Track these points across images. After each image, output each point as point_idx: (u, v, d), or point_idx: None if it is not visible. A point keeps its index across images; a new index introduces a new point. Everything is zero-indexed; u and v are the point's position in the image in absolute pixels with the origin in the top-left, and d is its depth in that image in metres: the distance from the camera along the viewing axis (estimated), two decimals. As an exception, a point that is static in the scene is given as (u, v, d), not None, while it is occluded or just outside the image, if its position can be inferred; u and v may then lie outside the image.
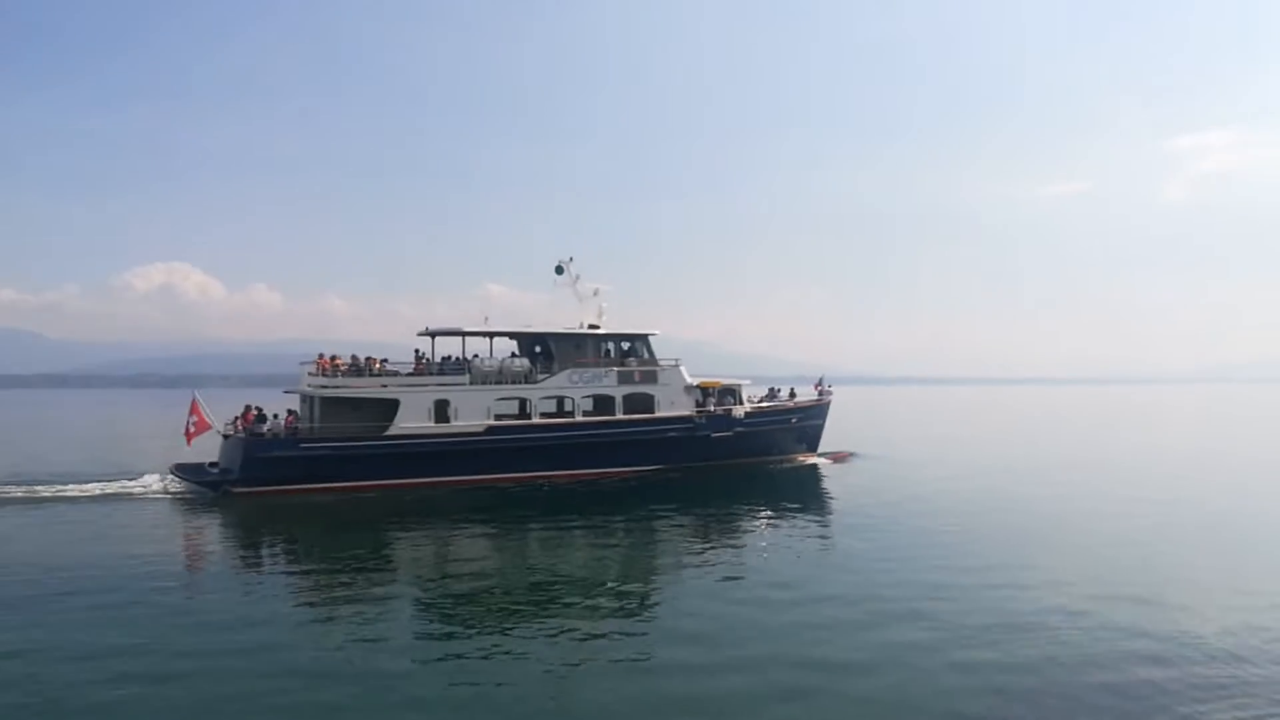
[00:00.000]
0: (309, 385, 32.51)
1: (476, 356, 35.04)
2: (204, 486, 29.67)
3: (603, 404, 35.44)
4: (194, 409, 31.03)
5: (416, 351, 35.38)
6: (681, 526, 25.72)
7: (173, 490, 30.15)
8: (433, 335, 35.57)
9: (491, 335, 36.45)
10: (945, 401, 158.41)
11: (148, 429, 72.10)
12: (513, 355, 36.40)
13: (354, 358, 33.13)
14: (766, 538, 24.22)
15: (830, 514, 27.90)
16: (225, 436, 31.49)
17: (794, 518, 26.62)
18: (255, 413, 31.23)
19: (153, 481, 31.24)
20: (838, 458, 43.23)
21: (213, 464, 32.19)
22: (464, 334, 35.49)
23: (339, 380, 31.96)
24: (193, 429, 31.02)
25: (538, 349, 36.53)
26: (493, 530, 24.72)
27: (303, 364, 35.63)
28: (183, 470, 31.65)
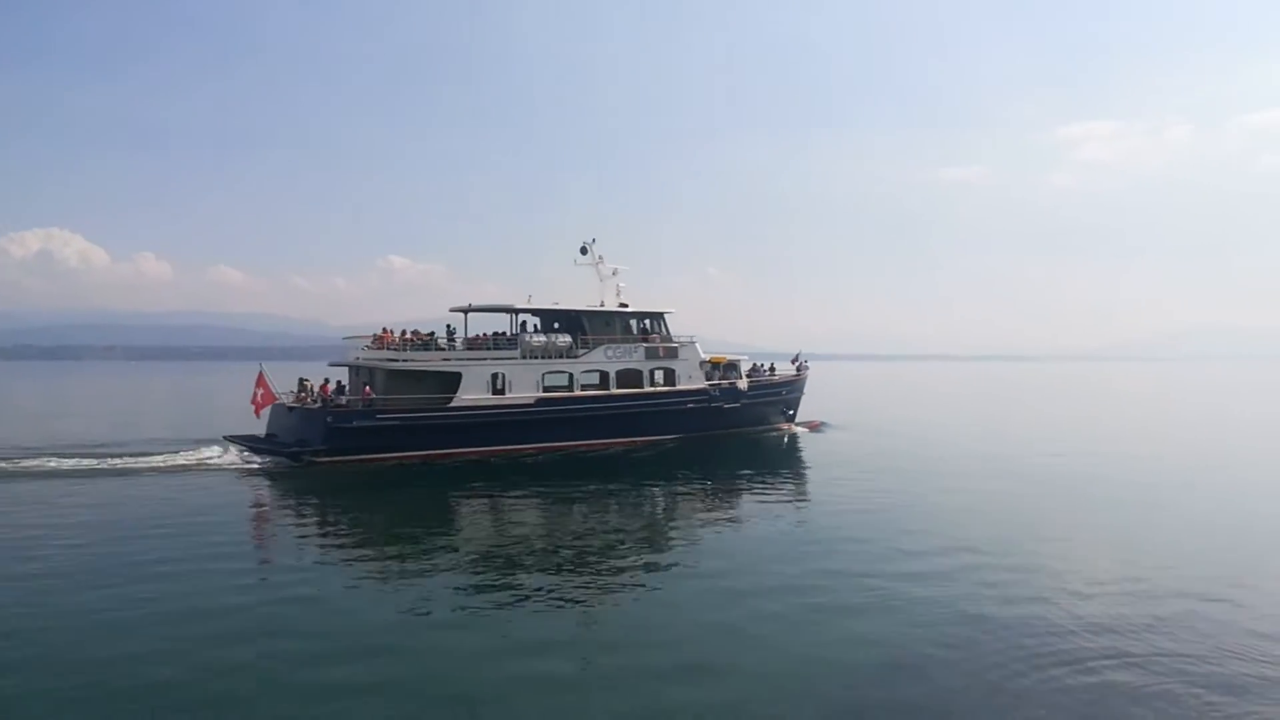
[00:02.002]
0: (366, 358, 33.99)
1: (524, 332, 36.91)
2: (284, 456, 30.72)
3: (632, 377, 37.94)
4: (260, 381, 32.14)
5: (449, 327, 37.25)
6: (702, 489, 28.30)
7: (253, 461, 30.98)
8: (465, 311, 37.55)
9: (515, 311, 38.08)
10: (864, 376, 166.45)
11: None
12: (549, 330, 38.28)
13: (416, 332, 34.78)
14: (778, 496, 26.63)
15: (819, 476, 31.40)
16: (290, 408, 32.66)
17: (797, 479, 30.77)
18: (334, 386, 32.65)
19: (217, 452, 32.00)
20: (812, 426, 47.25)
21: (270, 434, 33.38)
22: (487, 310, 37.75)
23: (406, 354, 33.44)
24: (260, 400, 32.23)
25: (556, 325, 38.69)
26: (546, 496, 26.40)
27: (346, 338, 37.18)
28: (248, 440, 32.73)
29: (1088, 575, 16.72)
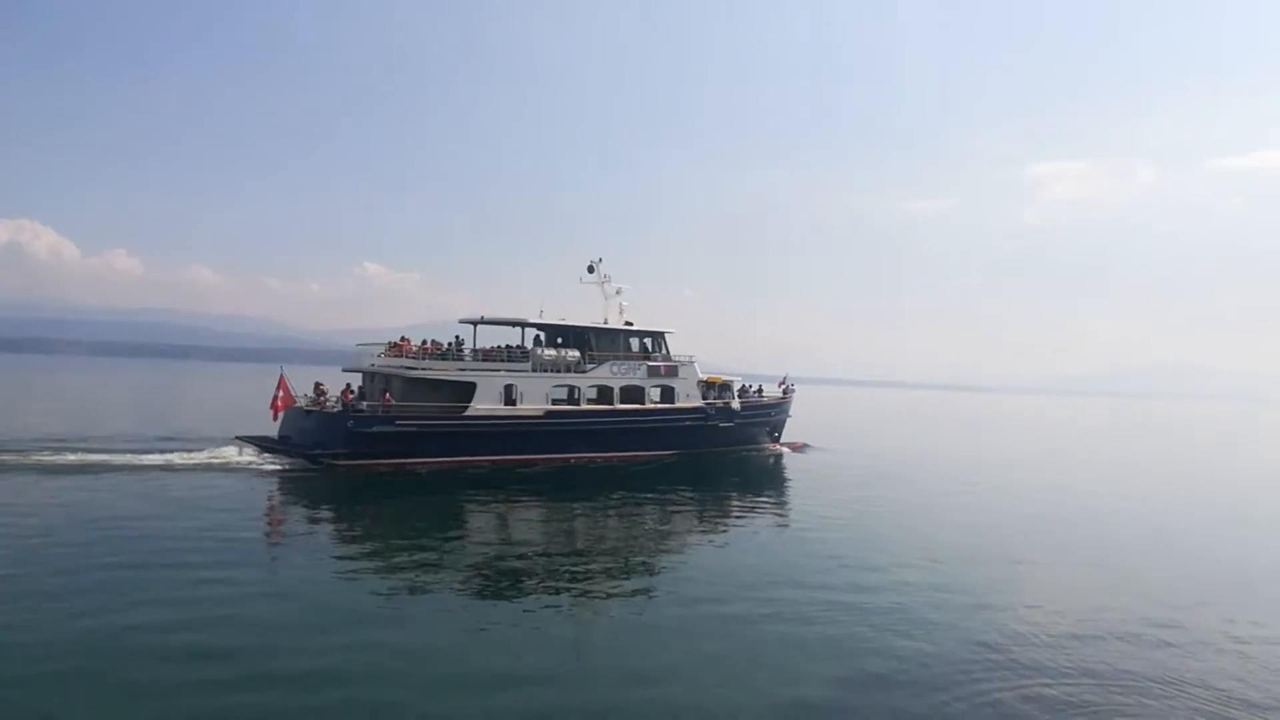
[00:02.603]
0: (382, 365, 34.82)
1: (536, 346, 38.01)
2: (303, 458, 31.32)
3: (635, 394, 39.18)
4: (281, 384, 32.88)
5: (457, 338, 38.19)
6: (699, 504, 29.57)
7: (273, 462, 31.47)
8: (475, 323, 38.53)
9: (523, 325, 39.06)
10: (826, 399, 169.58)
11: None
12: (554, 345, 39.33)
13: (435, 342, 35.71)
14: (765, 515, 27.73)
15: (804, 496, 32.84)
16: (308, 411, 33.38)
17: (783, 498, 32.13)
18: (353, 392, 33.50)
19: (234, 452, 32.38)
20: (795, 447, 48.78)
21: (283, 436, 33.96)
22: (499, 323, 38.51)
23: (425, 362, 34.32)
24: (280, 402, 32.92)
25: (559, 340, 39.80)
26: (550, 508, 27.39)
27: (360, 344, 37.93)
28: (260, 441, 33.29)
29: (1043, 598, 17.82)
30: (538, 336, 39.50)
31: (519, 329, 39.06)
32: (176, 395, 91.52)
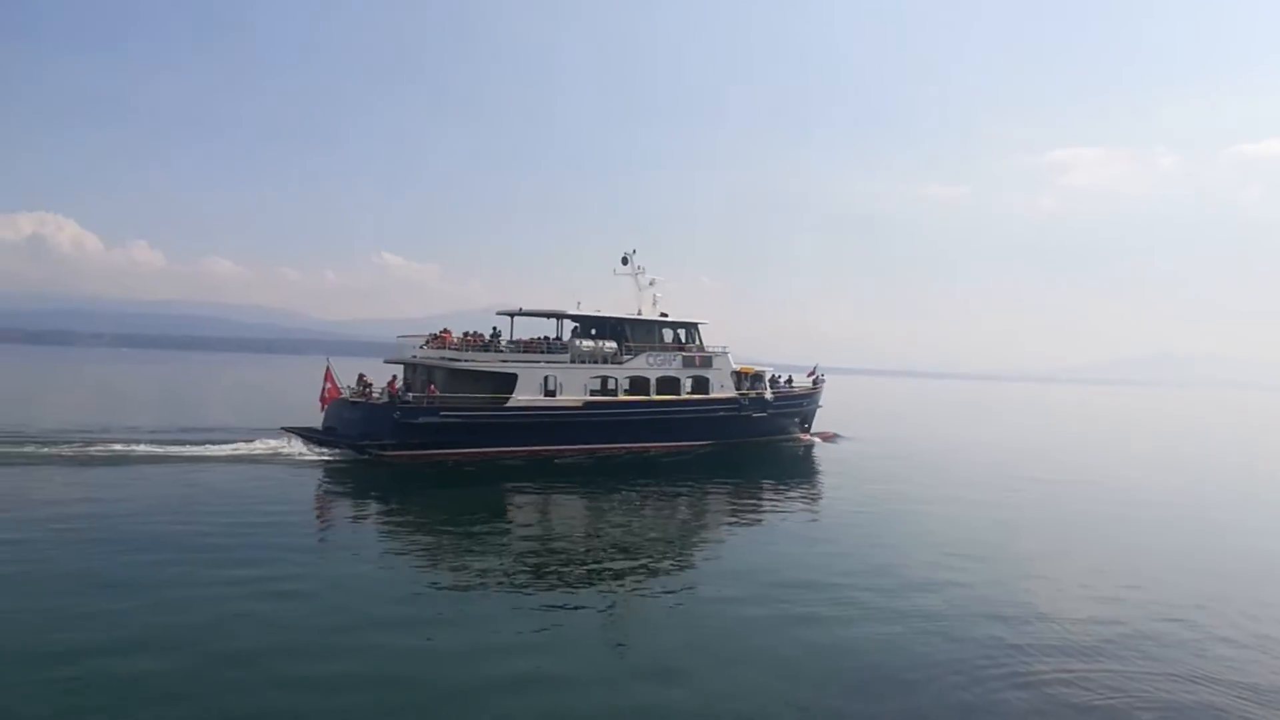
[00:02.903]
0: (424, 356, 35.30)
1: (574, 337, 38.43)
2: (350, 449, 31.87)
3: (670, 384, 39.42)
4: (328, 376, 33.57)
5: (494, 329, 38.71)
6: (733, 497, 29.54)
7: (321, 453, 31.94)
8: (512, 315, 39.03)
9: (560, 317, 39.46)
10: (850, 389, 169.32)
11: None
12: (587, 335, 39.65)
13: (477, 334, 36.25)
14: (795, 506, 27.61)
15: (833, 486, 32.93)
16: (354, 402, 33.91)
17: (812, 488, 32.26)
18: (398, 383, 34.09)
19: (282, 443, 32.83)
20: (826, 437, 49.04)
21: (328, 427, 34.35)
22: (537, 314, 39.11)
23: (467, 354, 34.77)
24: (327, 394, 33.56)
25: (593, 330, 40.21)
26: (588, 498, 27.81)
27: (401, 336, 38.55)
28: (306, 432, 33.81)
29: (1065, 593, 17.64)
30: (575, 328, 39.99)
31: (555, 320, 39.53)
32: (204, 386, 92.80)
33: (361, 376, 35.17)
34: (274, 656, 12.22)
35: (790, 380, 48.62)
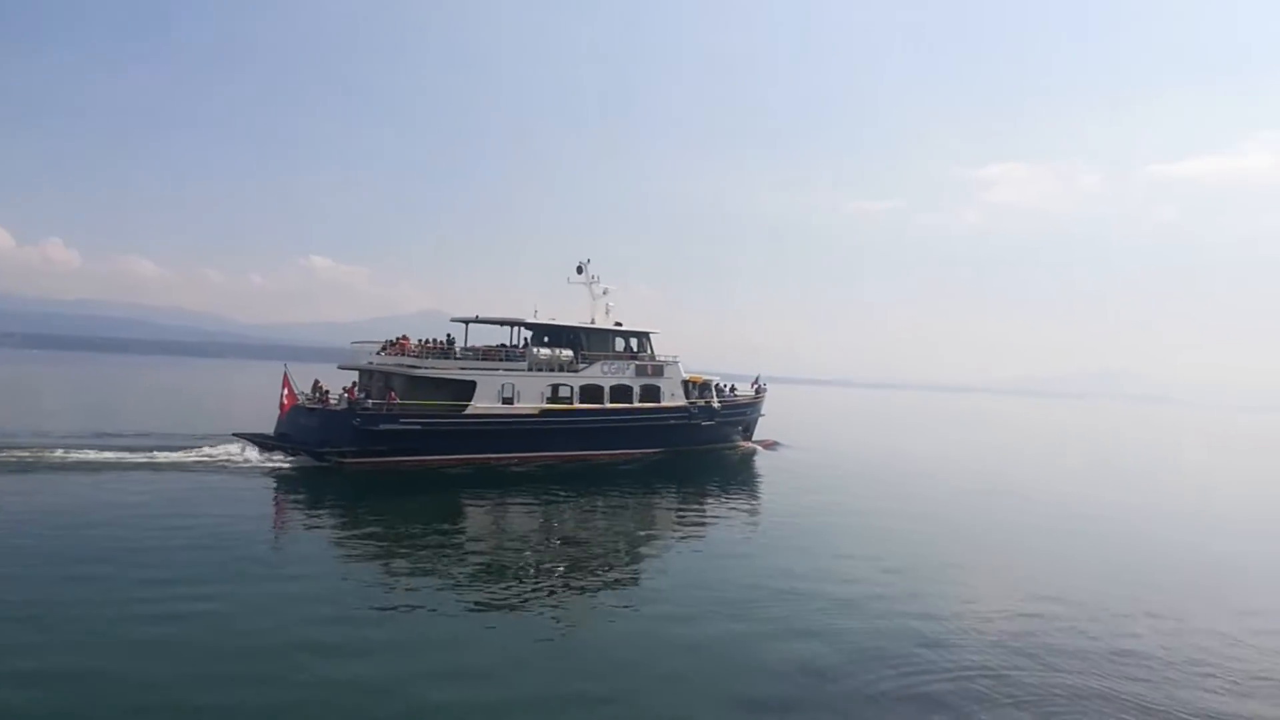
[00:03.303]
0: (381, 363, 35.27)
1: (533, 345, 38.82)
2: (310, 456, 31.57)
3: (623, 393, 40.16)
4: (285, 382, 33.34)
5: (448, 335, 38.94)
6: (681, 503, 30.75)
7: (278, 460, 31.57)
8: (466, 322, 39.30)
9: (518, 325, 39.87)
10: (789, 399, 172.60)
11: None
12: (539, 344, 39.99)
13: (436, 340, 36.35)
14: (737, 513, 28.90)
15: (774, 493, 34.44)
16: (310, 409, 33.58)
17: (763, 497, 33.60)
18: (366, 390, 34.02)
19: (237, 449, 32.15)
20: (766, 445, 50.46)
21: (282, 434, 33.93)
22: (493, 323, 39.41)
23: (428, 361, 34.83)
24: (285, 400, 33.32)
25: (546, 339, 40.70)
26: (546, 505, 28.08)
27: (355, 342, 38.39)
28: (259, 438, 33.35)
29: (985, 597, 18.86)
30: (528, 336, 40.32)
31: (513, 329, 39.84)
32: (125, 389, 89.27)
33: (317, 383, 34.92)
34: (184, 686, 11.69)
35: (734, 389, 49.86)
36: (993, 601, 18.63)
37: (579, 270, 43.00)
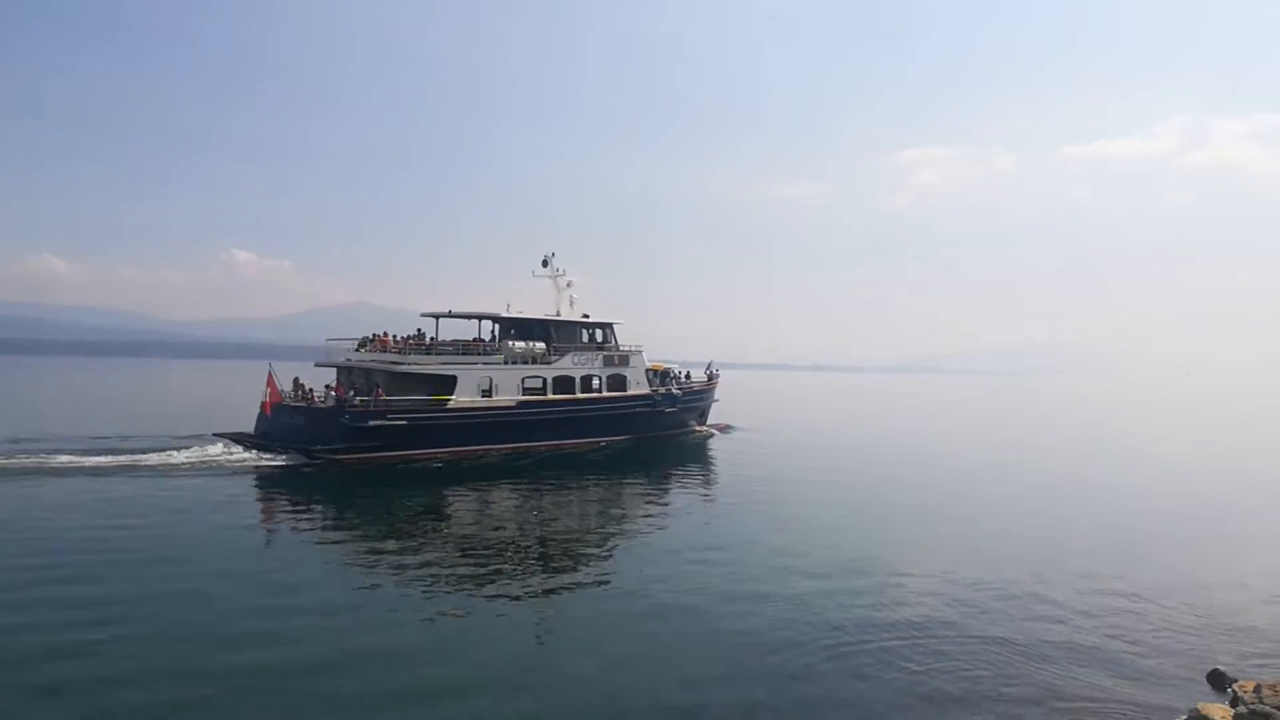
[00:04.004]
0: (361, 359, 36.16)
1: (505, 339, 40.04)
2: (300, 454, 32.22)
3: (590, 383, 41.77)
4: (270, 381, 34.09)
5: (419, 330, 40.15)
6: (648, 489, 31.58)
7: (268, 458, 32.14)
8: (438, 317, 40.42)
9: (490, 319, 40.79)
10: (732, 384, 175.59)
11: None
12: (507, 336, 40.97)
13: (415, 336, 37.43)
14: (697, 495, 29.89)
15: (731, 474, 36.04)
16: (295, 407, 34.34)
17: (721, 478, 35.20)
18: (345, 387, 34.70)
19: (222, 449, 32.92)
20: (720, 428, 53.02)
21: (263, 432, 34.56)
22: (465, 317, 40.42)
23: (410, 356, 35.81)
24: (268, 398, 34.13)
25: (513, 331, 41.96)
26: (524, 495, 28.94)
27: (330, 340, 39.33)
28: (241, 437, 34.10)
29: (925, 571, 19.52)
30: (495, 329, 41.42)
31: (476, 321, 40.91)
32: (35, 391, 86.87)
33: (298, 380, 35.72)
34: (173, 686, 11.98)
35: (689, 376, 52.04)
36: (924, 571, 19.61)
37: (544, 264, 44.47)
